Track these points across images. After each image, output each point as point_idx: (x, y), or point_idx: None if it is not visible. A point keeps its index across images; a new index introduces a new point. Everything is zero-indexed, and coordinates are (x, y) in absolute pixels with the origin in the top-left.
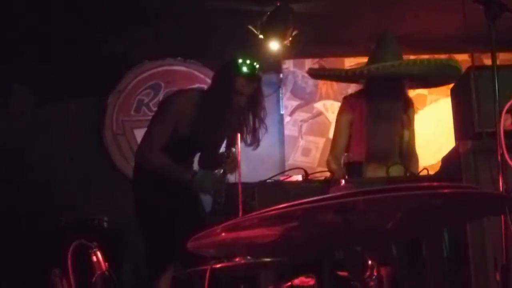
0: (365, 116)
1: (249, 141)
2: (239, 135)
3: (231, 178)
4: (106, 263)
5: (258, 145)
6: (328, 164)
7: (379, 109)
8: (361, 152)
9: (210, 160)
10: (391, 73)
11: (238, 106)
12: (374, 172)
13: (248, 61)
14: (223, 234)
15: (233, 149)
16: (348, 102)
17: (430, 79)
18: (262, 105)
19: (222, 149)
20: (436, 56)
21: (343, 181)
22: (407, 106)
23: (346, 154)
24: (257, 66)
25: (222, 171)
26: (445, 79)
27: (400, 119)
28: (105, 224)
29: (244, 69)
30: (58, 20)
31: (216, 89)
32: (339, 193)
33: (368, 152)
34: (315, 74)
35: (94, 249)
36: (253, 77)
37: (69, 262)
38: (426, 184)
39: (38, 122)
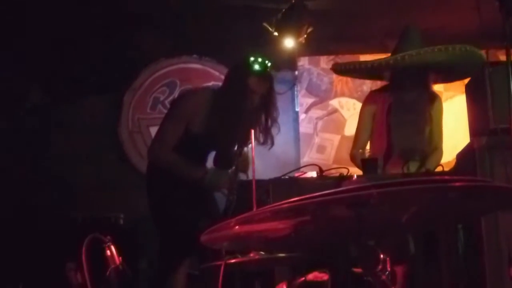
0: (388, 109)
1: (262, 140)
2: (253, 132)
3: (246, 175)
4: (120, 257)
5: (272, 144)
6: (353, 158)
7: (404, 102)
8: (382, 147)
9: (223, 159)
10: (417, 61)
11: (250, 105)
12: (394, 167)
13: (260, 60)
14: (237, 227)
15: (246, 148)
16: (372, 96)
17: (454, 70)
18: (275, 104)
19: (235, 148)
20: None
21: (355, 176)
22: (432, 100)
23: (361, 150)
24: (269, 64)
25: (234, 169)
26: (469, 68)
27: (424, 113)
28: (121, 221)
29: (256, 67)
30: (73, 19)
31: (228, 88)
32: (351, 187)
33: (389, 147)
34: (339, 69)
35: (108, 243)
36: (265, 75)
37: (83, 255)
38: (438, 177)
39: (53, 120)
